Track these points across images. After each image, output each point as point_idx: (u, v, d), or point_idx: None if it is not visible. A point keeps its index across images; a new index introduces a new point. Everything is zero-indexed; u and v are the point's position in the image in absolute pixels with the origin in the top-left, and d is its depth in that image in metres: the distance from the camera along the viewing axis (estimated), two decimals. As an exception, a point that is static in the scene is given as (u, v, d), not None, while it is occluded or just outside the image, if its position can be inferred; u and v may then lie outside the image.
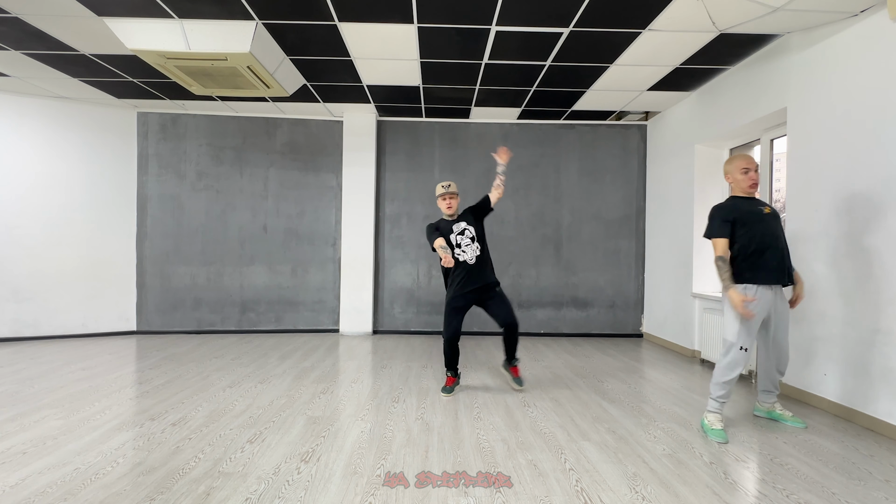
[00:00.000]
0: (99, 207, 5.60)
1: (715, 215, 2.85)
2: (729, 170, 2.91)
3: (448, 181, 3.65)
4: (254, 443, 2.61)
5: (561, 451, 2.56)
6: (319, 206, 6.04)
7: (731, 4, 3.12)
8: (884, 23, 2.89)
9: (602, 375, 4.16)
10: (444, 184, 3.59)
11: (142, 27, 3.55)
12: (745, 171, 2.84)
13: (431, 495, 2.07)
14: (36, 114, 5.29)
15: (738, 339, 2.77)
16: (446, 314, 3.53)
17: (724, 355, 2.83)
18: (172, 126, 5.85)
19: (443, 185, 3.59)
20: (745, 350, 2.77)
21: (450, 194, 3.57)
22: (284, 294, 6.00)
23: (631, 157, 6.06)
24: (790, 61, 3.60)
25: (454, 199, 3.59)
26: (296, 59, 4.22)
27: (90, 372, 4.02)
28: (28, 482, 2.14)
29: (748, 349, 2.77)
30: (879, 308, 2.89)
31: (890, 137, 2.84)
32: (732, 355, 2.79)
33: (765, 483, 2.24)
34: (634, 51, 3.93)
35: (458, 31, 3.66)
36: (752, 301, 2.69)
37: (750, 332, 2.77)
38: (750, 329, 2.77)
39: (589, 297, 6.05)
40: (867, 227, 2.98)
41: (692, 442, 2.71)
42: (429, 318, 6.08)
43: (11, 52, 4.13)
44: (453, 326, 3.50)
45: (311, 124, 6.01)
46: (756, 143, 4.50)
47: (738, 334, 2.77)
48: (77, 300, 5.50)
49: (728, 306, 2.82)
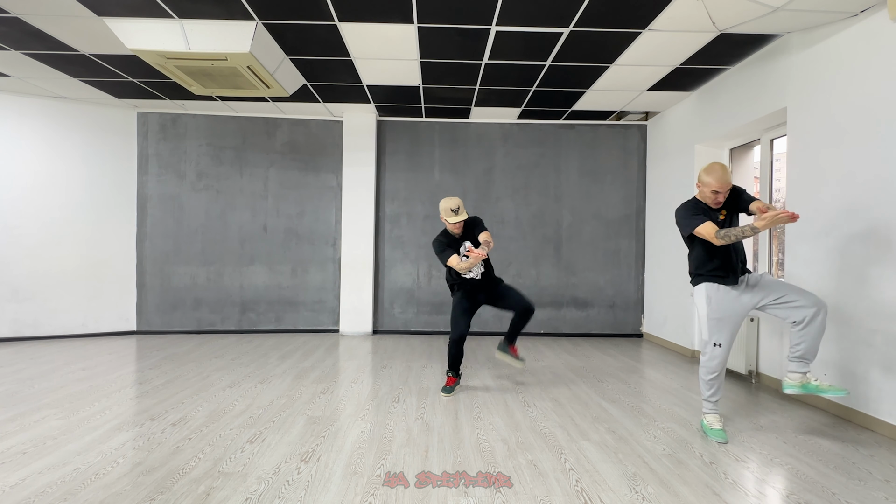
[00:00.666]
0: (99, 207, 5.60)
1: (685, 213, 2.79)
2: (703, 181, 2.79)
3: (456, 202, 3.35)
4: (254, 443, 2.61)
5: (561, 451, 2.56)
6: (319, 206, 6.04)
7: (731, 4, 3.12)
8: (884, 23, 2.89)
9: (602, 375, 4.16)
10: (454, 206, 3.35)
11: (142, 27, 3.55)
12: (714, 192, 2.73)
13: (431, 495, 2.07)
14: (36, 114, 5.29)
15: (711, 336, 2.78)
16: (454, 315, 3.55)
17: (702, 354, 2.85)
18: (172, 126, 5.85)
19: (451, 208, 3.35)
20: (719, 346, 2.76)
21: (460, 223, 3.39)
22: (284, 294, 6.00)
23: (631, 157, 6.06)
24: (790, 61, 3.60)
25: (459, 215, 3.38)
26: (296, 59, 4.22)
27: (90, 372, 4.02)
28: (28, 482, 2.14)
29: (723, 345, 2.76)
30: (879, 308, 2.89)
31: (890, 137, 2.84)
32: (709, 352, 2.80)
33: (765, 483, 2.24)
34: (634, 51, 3.93)
35: (458, 31, 3.66)
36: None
37: (721, 328, 2.75)
38: (721, 325, 2.75)
39: (589, 297, 6.05)
40: (867, 226, 2.97)
41: (692, 442, 2.71)
42: (429, 318, 6.08)
43: (11, 52, 4.13)
44: (461, 327, 3.50)
45: (311, 124, 6.01)
46: (756, 143, 4.50)
47: (709, 331, 2.78)
48: (77, 300, 5.50)
49: (699, 307, 2.84)
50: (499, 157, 6.08)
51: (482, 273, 3.56)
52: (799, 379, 2.73)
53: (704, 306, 2.81)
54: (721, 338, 2.77)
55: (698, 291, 2.87)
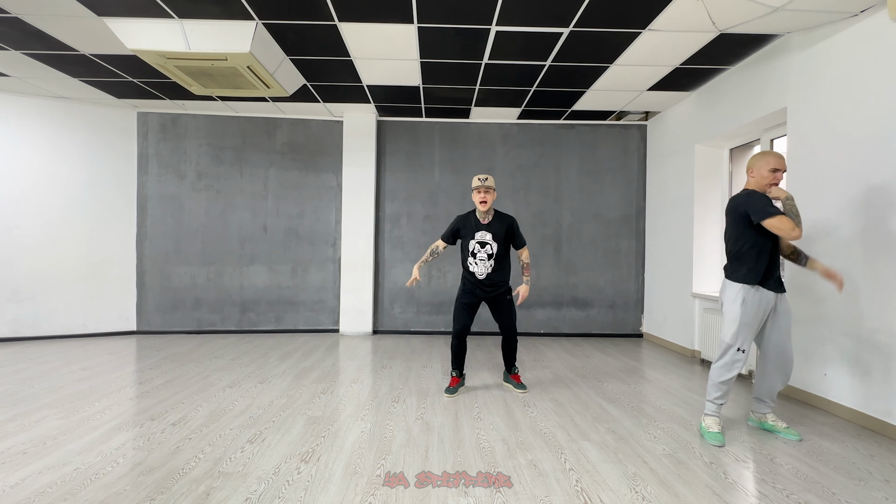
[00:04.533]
0: (99, 207, 5.60)
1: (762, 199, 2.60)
2: (756, 164, 2.70)
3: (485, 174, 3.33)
4: (254, 443, 2.61)
5: (561, 451, 2.56)
6: (319, 206, 6.04)
7: (731, 4, 3.12)
8: (884, 23, 2.89)
9: (602, 375, 4.16)
10: (481, 176, 3.35)
11: (142, 27, 3.55)
12: (773, 170, 2.66)
13: (431, 495, 2.07)
14: (36, 114, 5.29)
15: (736, 340, 2.68)
16: (455, 309, 3.54)
17: (721, 356, 2.75)
18: (172, 126, 5.85)
19: (479, 177, 3.35)
20: (743, 351, 2.68)
21: (485, 188, 3.32)
22: (284, 294, 6.00)
23: (631, 157, 6.06)
24: (790, 61, 3.60)
25: (489, 193, 3.33)
26: (296, 59, 4.22)
27: (90, 372, 4.02)
28: (28, 482, 2.14)
29: (746, 350, 2.69)
30: (879, 308, 2.89)
31: (890, 137, 2.84)
32: (730, 356, 2.71)
33: (765, 483, 2.24)
34: (634, 51, 3.93)
35: (458, 31, 3.66)
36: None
37: (748, 333, 2.69)
38: (748, 330, 2.68)
39: (589, 296, 6.05)
40: (867, 226, 2.98)
41: (692, 442, 2.71)
42: (429, 318, 6.08)
43: (11, 52, 4.13)
44: (462, 321, 3.49)
45: (311, 124, 6.01)
46: (756, 143, 4.50)
47: (735, 335, 2.68)
48: (77, 300, 5.50)
49: (728, 305, 2.72)
50: (499, 157, 6.08)
51: (487, 275, 3.43)
52: (759, 418, 2.92)
53: (738, 309, 2.67)
54: (746, 344, 2.69)
55: (731, 289, 2.72)
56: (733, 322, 2.69)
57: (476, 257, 3.42)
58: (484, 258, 3.41)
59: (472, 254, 3.43)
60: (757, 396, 2.89)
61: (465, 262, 3.51)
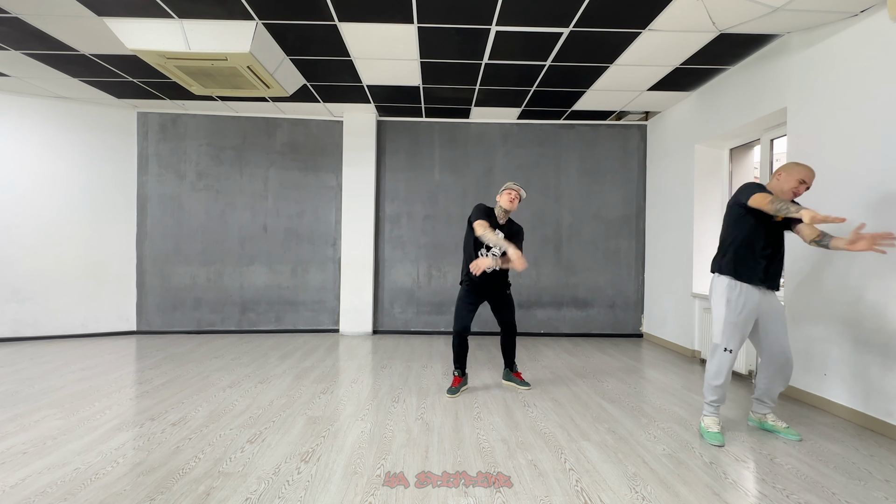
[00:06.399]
0: (99, 207, 5.60)
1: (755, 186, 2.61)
2: (787, 169, 2.66)
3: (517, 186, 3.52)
4: (254, 443, 2.61)
5: (561, 451, 2.56)
6: (319, 206, 6.04)
7: (731, 4, 3.12)
8: (884, 23, 2.89)
9: (602, 375, 4.16)
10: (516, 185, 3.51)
11: (142, 27, 3.55)
12: (801, 181, 2.60)
13: (431, 495, 2.07)
14: (36, 114, 5.29)
15: (722, 340, 2.68)
16: (458, 309, 3.57)
17: (711, 358, 2.75)
18: (172, 126, 5.85)
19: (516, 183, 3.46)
20: (730, 352, 2.67)
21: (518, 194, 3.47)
22: (284, 294, 6.00)
23: (631, 157, 6.06)
24: (790, 61, 3.60)
25: (519, 200, 3.49)
26: (296, 59, 4.22)
27: (90, 372, 4.02)
28: (28, 482, 2.14)
29: (733, 351, 2.67)
30: (880, 308, 2.89)
31: (890, 137, 2.84)
32: (718, 357, 2.71)
33: (765, 483, 2.24)
34: (634, 51, 3.93)
35: (458, 31, 3.66)
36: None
37: (734, 332, 2.66)
38: (734, 329, 2.66)
39: (589, 296, 6.05)
40: (867, 226, 2.97)
41: (692, 442, 2.71)
42: (429, 318, 6.08)
43: (11, 52, 4.13)
44: (463, 320, 3.52)
45: (311, 124, 6.01)
46: (756, 143, 4.50)
47: (721, 334, 2.68)
48: (77, 300, 5.50)
49: (714, 305, 2.73)
50: (499, 157, 6.08)
51: (494, 272, 3.53)
52: (759, 418, 2.93)
53: (723, 307, 2.68)
54: (733, 343, 2.68)
55: (717, 289, 2.73)
56: (719, 321, 2.72)
57: (490, 251, 3.50)
58: (497, 253, 3.51)
59: (486, 247, 3.50)
60: (757, 397, 2.89)
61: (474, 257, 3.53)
